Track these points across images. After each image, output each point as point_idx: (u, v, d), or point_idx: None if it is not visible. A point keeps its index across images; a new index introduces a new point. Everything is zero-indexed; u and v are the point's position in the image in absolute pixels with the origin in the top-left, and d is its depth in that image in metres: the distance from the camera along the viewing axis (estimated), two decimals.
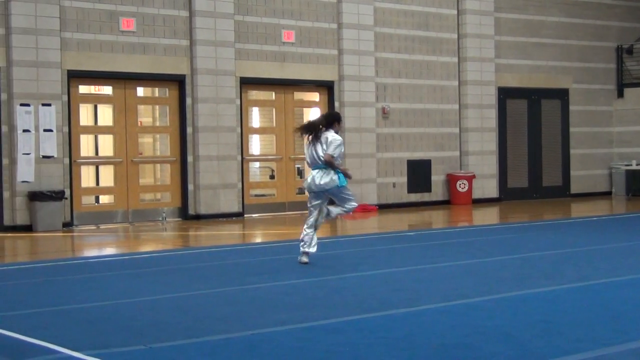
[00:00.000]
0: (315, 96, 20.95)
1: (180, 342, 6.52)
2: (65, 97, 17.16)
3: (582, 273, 9.89)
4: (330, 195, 11.21)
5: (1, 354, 6.21)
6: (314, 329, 6.93)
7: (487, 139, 23.01)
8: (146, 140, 20.11)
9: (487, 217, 19.77)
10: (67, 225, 17.06)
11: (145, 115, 20.20)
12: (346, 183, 11.05)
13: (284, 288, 9.12)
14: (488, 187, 23.07)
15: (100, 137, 19.80)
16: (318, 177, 10.91)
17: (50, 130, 16.80)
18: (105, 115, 19.43)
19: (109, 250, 14.22)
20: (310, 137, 11.06)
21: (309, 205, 11.14)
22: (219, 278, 10.00)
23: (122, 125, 18.18)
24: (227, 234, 16.46)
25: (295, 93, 20.66)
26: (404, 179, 21.74)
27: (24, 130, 16.58)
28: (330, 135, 10.98)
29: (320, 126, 11.06)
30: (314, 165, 11.01)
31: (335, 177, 10.90)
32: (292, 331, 6.85)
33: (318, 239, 11.16)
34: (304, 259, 10.92)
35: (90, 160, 19.10)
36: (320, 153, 10.92)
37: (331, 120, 11.21)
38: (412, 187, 21.89)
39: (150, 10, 18.10)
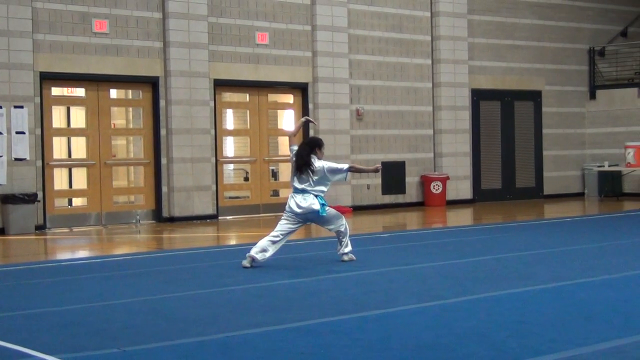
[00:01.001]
0: (289, 98, 20.95)
1: (154, 345, 6.50)
2: (37, 99, 17.05)
3: (556, 274, 9.94)
4: (316, 223, 11.20)
5: None
6: (289, 331, 6.92)
7: (461, 140, 23.09)
8: (119, 142, 20.02)
9: (461, 218, 19.84)
10: (40, 228, 16.95)
11: (119, 117, 20.12)
12: (326, 214, 10.97)
13: (258, 290, 9.10)
14: (462, 189, 23.16)
15: (73, 139, 19.71)
16: (300, 200, 10.86)
17: (23, 133, 16.68)
18: (78, 117, 19.32)
19: (83, 253, 14.13)
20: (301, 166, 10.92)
21: (282, 224, 10.95)
22: (193, 280, 9.97)
23: (95, 127, 18.08)
24: (201, 236, 16.41)
25: (269, 95, 20.65)
26: (378, 181, 21.77)
27: None
28: (318, 164, 10.87)
29: (310, 157, 10.89)
30: (297, 190, 10.95)
31: (315, 201, 10.86)
32: (267, 333, 6.84)
33: (291, 241, 11.15)
34: (246, 263, 10.78)
35: (63, 162, 18.99)
36: (307, 183, 10.86)
37: (312, 146, 11.03)
38: (387, 189, 21.92)
39: (123, 12, 18.03)
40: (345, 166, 11.11)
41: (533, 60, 24.63)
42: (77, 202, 19.06)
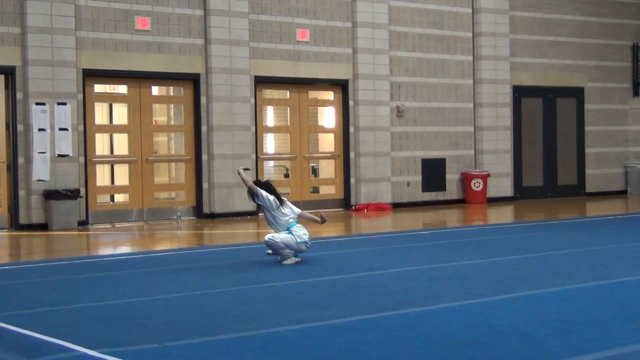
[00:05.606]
0: (329, 95, 20.96)
1: (194, 340, 6.54)
2: (80, 96, 17.22)
3: (598, 272, 9.86)
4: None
5: (17, 352, 6.24)
6: (329, 328, 6.93)
7: (502, 137, 22.96)
8: (161, 139, 20.16)
9: (502, 216, 19.73)
10: (83, 223, 17.12)
11: (160, 114, 20.25)
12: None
13: (298, 286, 9.13)
14: (503, 186, 23.02)
15: (115, 136, 19.87)
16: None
17: (66, 129, 16.86)
18: (120, 114, 19.49)
19: (124, 249, 14.26)
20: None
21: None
22: (233, 276, 10.02)
23: (137, 124, 18.22)
24: (241, 233, 16.47)
25: (309, 92, 20.67)
26: (418, 178, 21.72)
27: (40, 129, 16.64)
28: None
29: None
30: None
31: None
32: (307, 330, 6.85)
33: (332, 237, 11.17)
34: (290, 261, 11.00)
35: (105, 159, 19.15)
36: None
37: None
38: (427, 186, 21.86)
39: (165, 9, 18.14)
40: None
41: (575, 56, 24.42)
42: (119, 198, 19.20)
